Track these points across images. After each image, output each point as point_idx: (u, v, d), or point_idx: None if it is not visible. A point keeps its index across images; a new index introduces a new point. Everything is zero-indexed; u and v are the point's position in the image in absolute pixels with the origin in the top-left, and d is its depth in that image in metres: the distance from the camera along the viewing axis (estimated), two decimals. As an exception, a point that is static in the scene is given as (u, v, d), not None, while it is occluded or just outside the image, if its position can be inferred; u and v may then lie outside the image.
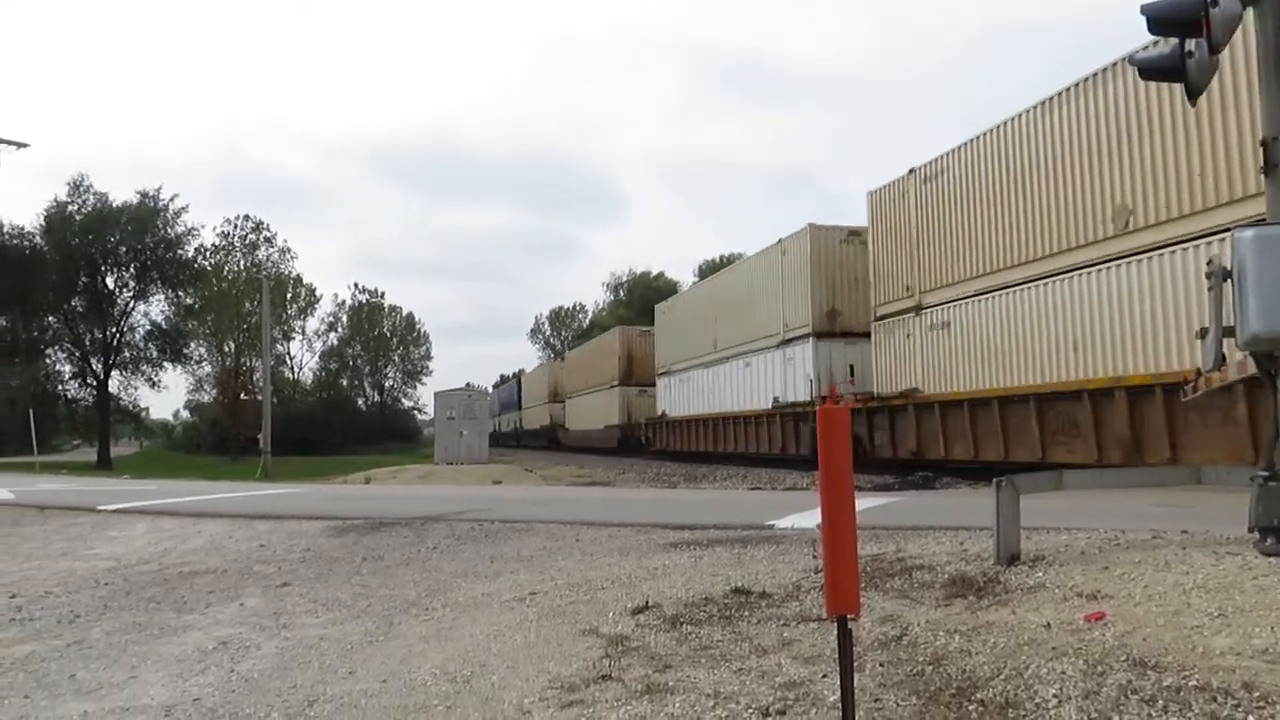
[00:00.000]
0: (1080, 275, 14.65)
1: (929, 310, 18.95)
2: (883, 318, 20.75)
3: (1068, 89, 14.91)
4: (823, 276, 23.12)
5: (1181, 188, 12.67)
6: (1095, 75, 14.25)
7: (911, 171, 19.64)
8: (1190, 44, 5.53)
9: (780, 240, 25.27)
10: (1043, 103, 15.54)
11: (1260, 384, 5.25)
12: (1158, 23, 5.51)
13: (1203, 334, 5.49)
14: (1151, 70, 6.01)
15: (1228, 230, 10.81)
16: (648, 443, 37.12)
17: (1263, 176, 5.50)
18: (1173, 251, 12.84)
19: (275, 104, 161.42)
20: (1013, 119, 16.36)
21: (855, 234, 22.96)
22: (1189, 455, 12.25)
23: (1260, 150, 5.45)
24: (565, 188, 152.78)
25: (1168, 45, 5.72)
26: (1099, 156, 14.25)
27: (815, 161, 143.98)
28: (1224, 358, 5.45)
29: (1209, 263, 5.48)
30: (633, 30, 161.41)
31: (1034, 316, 15.73)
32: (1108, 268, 14.07)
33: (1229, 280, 5.01)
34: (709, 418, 30.28)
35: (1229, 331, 5.08)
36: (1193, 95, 5.97)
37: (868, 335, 21.79)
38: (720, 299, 30.13)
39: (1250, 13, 5.58)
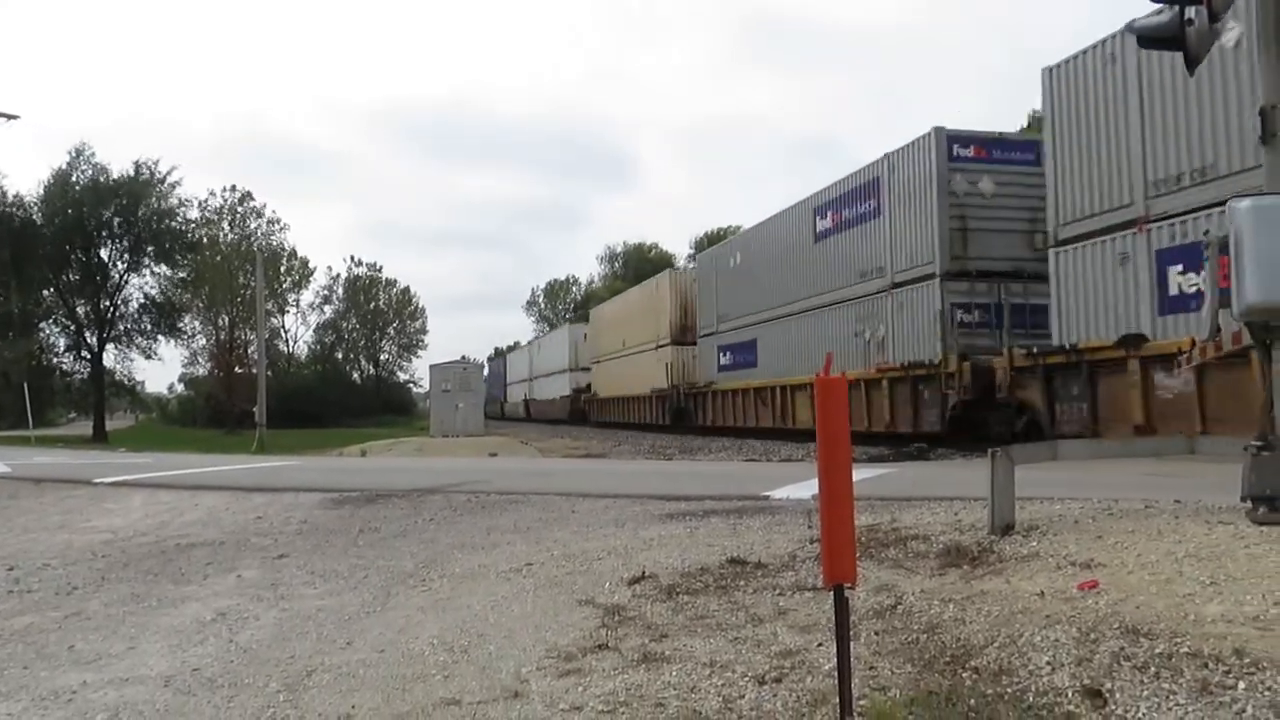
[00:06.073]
0: None
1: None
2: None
3: None
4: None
5: None
6: None
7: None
8: (1190, 12, 5.49)
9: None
10: None
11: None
12: (1158, -10, 5.47)
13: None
14: (1150, 38, 5.97)
15: None
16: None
17: (1261, 146, 5.47)
18: None
19: (286, 69, 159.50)
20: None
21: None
22: None
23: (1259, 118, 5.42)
24: (579, 154, 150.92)
25: (1168, 12, 5.67)
26: None
27: (835, 127, 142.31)
28: (1219, 328, 5.47)
29: (1205, 233, 5.47)
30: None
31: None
32: None
33: (1225, 251, 5.01)
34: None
35: (1225, 302, 5.09)
36: (1191, 64, 5.94)
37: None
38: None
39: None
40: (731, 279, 28.64)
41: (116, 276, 50.29)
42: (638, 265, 76.68)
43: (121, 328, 50.95)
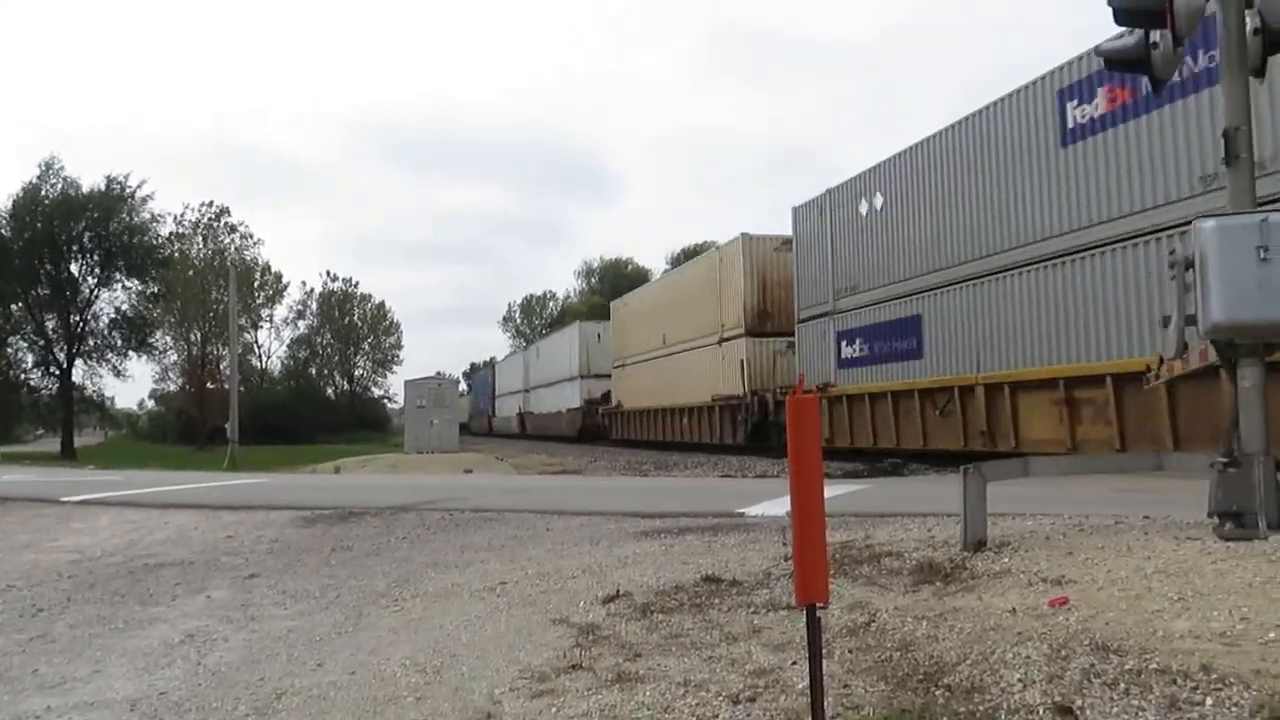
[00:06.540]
0: None
1: None
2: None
3: None
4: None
5: None
6: None
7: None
8: (1155, 35, 5.60)
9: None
10: None
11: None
12: (1123, 13, 5.57)
13: (1165, 322, 5.58)
14: (1116, 61, 6.08)
15: None
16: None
17: (1224, 167, 5.56)
18: None
19: (268, 84, 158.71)
20: None
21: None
22: None
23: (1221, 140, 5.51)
24: (559, 168, 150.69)
25: (1133, 36, 5.77)
26: None
27: (816, 140, 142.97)
28: (1186, 345, 5.55)
29: (1171, 252, 5.56)
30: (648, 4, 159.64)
31: None
32: None
33: (1191, 269, 5.09)
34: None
35: (1191, 320, 5.17)
36: (1157, 86, 6.05)
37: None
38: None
39: (1214, 3, 5.64)
40: (864, 232, 19.70)
41: (87, 291, 49.80)
42: (614, 281, 76.84)
43: (91, 343, 50.42)
